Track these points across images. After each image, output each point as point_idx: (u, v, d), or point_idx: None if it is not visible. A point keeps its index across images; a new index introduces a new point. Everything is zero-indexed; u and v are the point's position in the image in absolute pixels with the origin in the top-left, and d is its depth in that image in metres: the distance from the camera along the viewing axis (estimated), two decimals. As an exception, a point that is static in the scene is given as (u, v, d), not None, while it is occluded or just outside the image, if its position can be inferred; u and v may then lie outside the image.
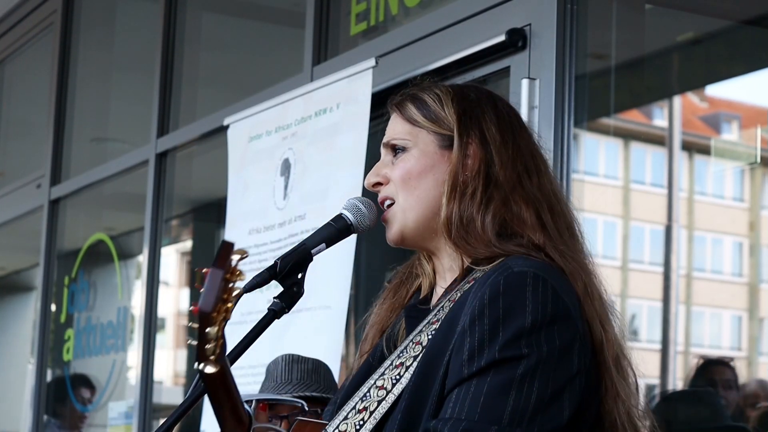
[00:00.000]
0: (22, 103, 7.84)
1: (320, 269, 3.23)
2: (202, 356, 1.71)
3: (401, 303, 2.11)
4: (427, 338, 1.94)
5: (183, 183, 5.77)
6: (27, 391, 6.89)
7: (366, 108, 3.75)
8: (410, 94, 2.10)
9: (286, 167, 4.12)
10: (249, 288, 1.96)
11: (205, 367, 1.72)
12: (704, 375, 5.23)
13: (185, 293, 8.27)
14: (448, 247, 2.02)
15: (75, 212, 6.60)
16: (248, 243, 4.20)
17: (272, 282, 2.00)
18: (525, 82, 3.44)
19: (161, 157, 5.55)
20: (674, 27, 5.10)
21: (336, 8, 4.52)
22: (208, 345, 1.69)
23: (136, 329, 5.68)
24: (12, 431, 8.00)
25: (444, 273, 2.05)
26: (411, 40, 4.00)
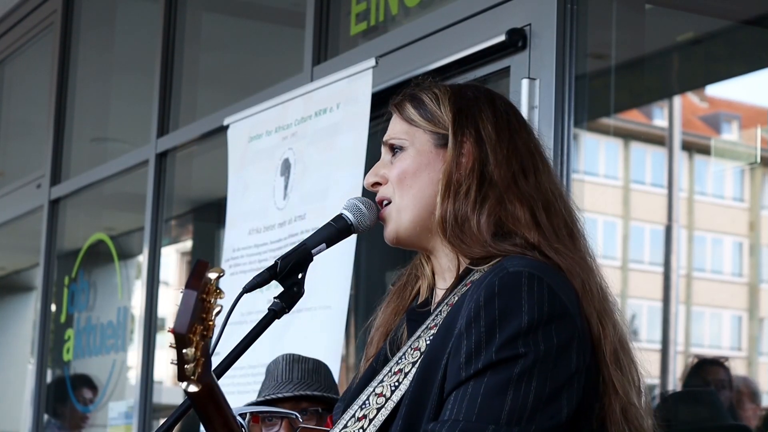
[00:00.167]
0: (22, 103, 7.84)
1: (320, 269, 3.23)
2: (183, 376, 1.69)
3: (405, 305, 2.10)
4: (425, 344, 1.93)
5: (183, 183, 5.77)
6: (27, 391, 6.89)
7: (366, 108, 3.75)
8: (409, 94, 2.10)
9: (286, 167, 4.11)
10: (249, 288, 1.96)
11: (188, 387, 1.70)
12: (698, 375, 5.21)
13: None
14: (445, 247, 2.01)
15: (75, 212, 6.59)
16: (248, 243, 4.20)
17: (272, 282, 2.00)
18: (525, 82, 3.44)
19: (161, 157, 5.54)
20: (674, 27, 5.09)
21: (336, 8, 4.52)
22: (187, 365, 1.68)
23: (136, 329, 5.68)
24: (12, 431, 7.99)
25: (443, 273, 2.04)
26: (411, 40, 4.00)
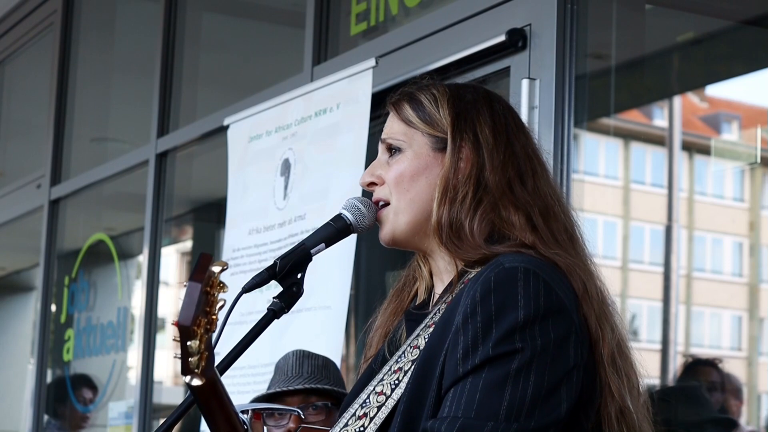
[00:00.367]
0: (22, 103, 7.84)
1: (320, 269, 3.23)
2: (187, 370, 1.69)
3: (403, 307, 2.10)
4: (424, 341, 1.94)
5: (183, 183, 5.77)
6: (27, 391, 6.89)
7: (366, 108, 3.75)
8: (408, 94, 2.09)
9: (286, 167, 4.11)
10: (248, 288, 1.96)
11: (192, 380, 1.70)
12: (691, 375, 5.20)
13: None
14: (441, 249, 2.01)
15: (75, 212, 6.59)
16: (248, 243, 4.20)
17: (272, 282, 2.00)
18: (525, 82, 3.44)
19: (161, 157, 5.54)
20: (674, 27, 5.09)
21: (336, 8, 4.52)
22: (192, 358, 1.68)
23: (136, 329, 5.68)
24: (12, 431, 7.99)
25: (441, 274, 2.04)
26: (411, 40, 4.00)
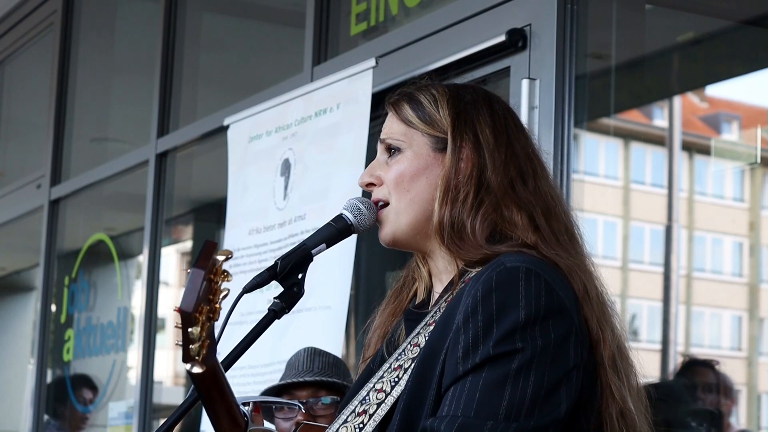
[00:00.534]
0: (22, 103, 7.84)
1: (320, 269, 3.23)
2: (188, 357, 1.69)
3: (402, 307, 2.10)
4: (424, 339, 1.94)
5: (183, 183, 5.77)
6: (27, 392, 6.89)
7: (366, 108, 3.75)
8: (407, 94, 2.09)
9: (286, 167, 4.12)
10: (249, 288, 1.96)
11: (192, 368, 1.70)
12: (686, 375, 5.15)
13: (185, 293, 8.25)
14: (442, 250, 2.01)
15: (75, 212, 6.59)
16: (248, 243, 4.20)
17: (272, 282, 2.00)
18: (525, 83, 3.44)
19: (161, 157, 5.54)
20: (674, 27, 5.09)
21: (336, 8, 4.52)
22: (193, 345, 1.68)
23: (136, 329, 5.68)
24: (12, 431, 7.99)
25: (440, 274, 2.04)
26: (411, 40, 4.00)
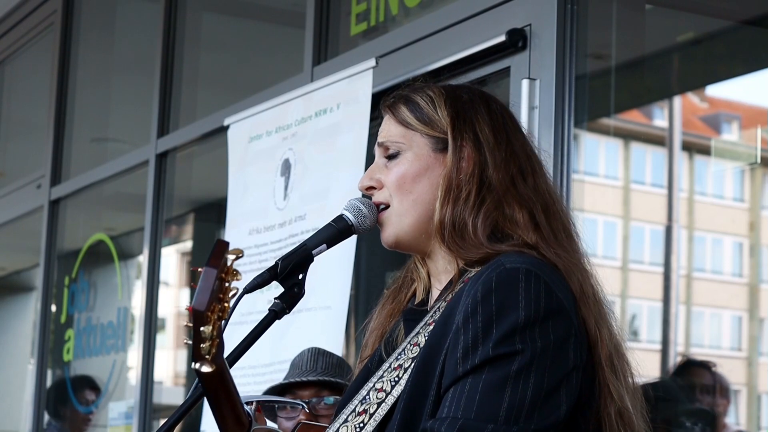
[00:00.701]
0: (22, 103, 7.84)
1: (321, 270, 3.23)
2: (198, 355, 1.70)
3: (400, 308, 2.10)
4: (424, 339, 1.94)
5: (183, 183, 5.77)
6: (27, 392, 6.89)
7: (366, 108, 3.75)
8: (403, 96, 2.08)
9: (287, 167, 4.12)
10: (250, 288, 1.96)
11: (201, 367, 1.71)
12: (682, 375, 5.13)
13: (185, 293, 8.27)
14: (442, 250, 2.01)
15: (75, 212, 6.59)
16: (248, 243, 4.20)
17: (273, 282, 2.00)
18: (525, 83, 3.44)
19: (161, 158, 5.54)
20: (674, 27, 5.09)
21: (336, 8, 4.52)
22: (203, 344, 1.68)
23: (136, 329, 5.68)
24: (12, 431, 7.99)
25: (439, 275, 2.04)
26: (411, 40, 4.00)
